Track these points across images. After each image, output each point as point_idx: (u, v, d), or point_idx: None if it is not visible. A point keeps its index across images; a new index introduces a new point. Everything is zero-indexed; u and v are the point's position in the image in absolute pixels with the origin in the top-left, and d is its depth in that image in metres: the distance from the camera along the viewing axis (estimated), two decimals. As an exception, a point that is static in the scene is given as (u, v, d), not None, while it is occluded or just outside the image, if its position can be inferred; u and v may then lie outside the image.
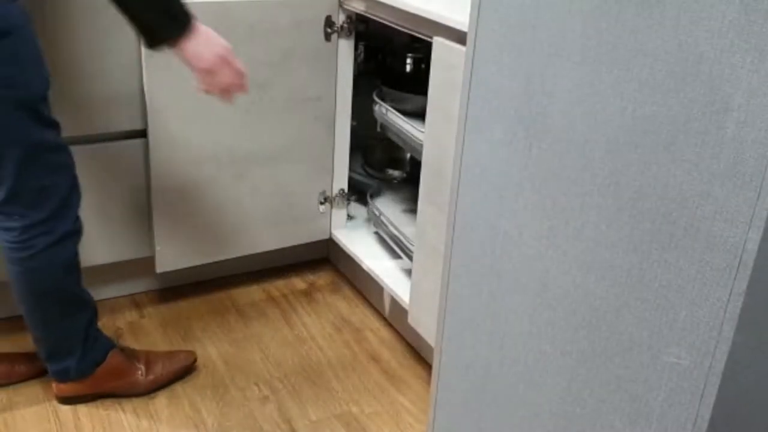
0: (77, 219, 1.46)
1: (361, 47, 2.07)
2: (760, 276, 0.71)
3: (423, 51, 1.96)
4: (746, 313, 0.72)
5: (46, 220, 1.40)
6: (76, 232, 1.46)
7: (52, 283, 1.46)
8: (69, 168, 1.43)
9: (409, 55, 2.01)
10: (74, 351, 1.55)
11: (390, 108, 1.83)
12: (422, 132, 1.62)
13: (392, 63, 2.13)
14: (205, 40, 1.33)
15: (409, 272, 1.72)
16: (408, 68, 2.03)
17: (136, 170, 1.81)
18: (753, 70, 0.67)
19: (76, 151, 1.45)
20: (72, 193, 1.44)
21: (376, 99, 1.89)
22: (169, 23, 1.30)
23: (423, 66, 1.99)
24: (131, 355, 1.66)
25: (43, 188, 1.38)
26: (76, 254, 1.48)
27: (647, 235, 0.80)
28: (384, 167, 2.12)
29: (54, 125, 1.38)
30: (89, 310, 1.56)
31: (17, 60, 1.27)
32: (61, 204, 1.41)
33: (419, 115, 1.78)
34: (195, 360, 1.75)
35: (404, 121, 1.77)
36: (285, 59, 1.84)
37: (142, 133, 1.77)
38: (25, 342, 1.79)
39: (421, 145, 1.64)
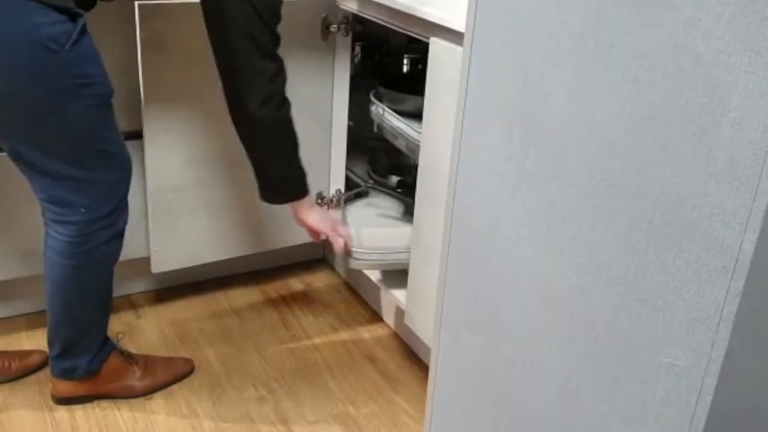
0: (128, 217, 1.52)
1: (358, 48, 2.07)
2: (757, 277, 0.71)
3: (420, 51, 1.96)
4: (743, 313, 0.72)
5: (110, 214, 1.45)
6: (124, 231, 1.52)
7: (101, 277, 1.51)
8: (130, 166, 1.49)
9: (406, 55, 2.01)
10: (91, 349, 1.57)
11: (387, 108, 1.82)
12: (419, 132, 1.62)
13: (389, 63, 2.13)
14: (316, 211, 1.66)
15: (405, 272, 1.72)
16: (405, 69, 2.03)
17: (131, 176, 1.81)
18: (749, 71, 0.67)
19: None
20: (128, 190, 1.50)
21: (373, 99, 1.89)
22: (292, 191, 1.60)
23: (420, 66, 1.99)
24: (129, 358, 1.66)
25: (112, 182, 1.44)
26: (120, 252, 1.53)
27: (644, 236, 0.80)
28: (388, 173, 2.11)
29: (117, 125, 1.45)
30: (110, 311, 1.61)
31: (97, 59, 1.36)
32: (122, 199, 1.48)
33: (416, 115, 1.78)
34: (193, 368, 1.75)
35: (400, 121, 1.77)
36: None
37: (138, 134, 1.77)
38: (18, 342, 1.79)
39: (418, 146, 1.64)
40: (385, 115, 1.84)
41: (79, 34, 1.30)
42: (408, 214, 1.90)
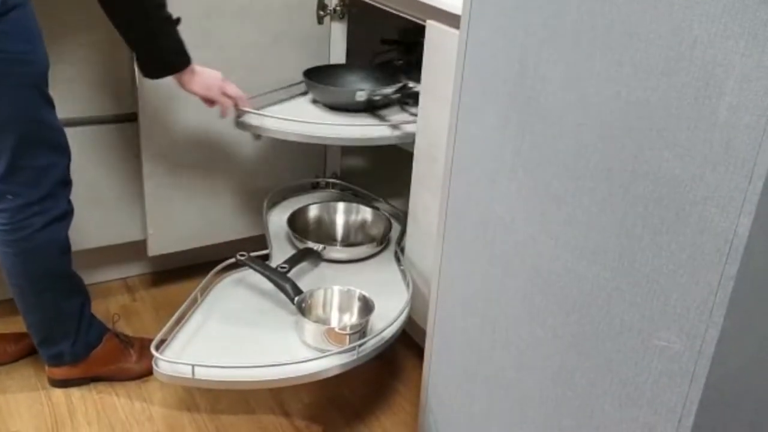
0: (70, 200, 1.46)
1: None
2: (751, 261, 0.71)
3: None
4: (736, 297, 0.73)
5: (41, 200, 1.39)
6: (69, 213, 1.46)
7: (47, 264, 1.46)
8: (66, 148, 1.43)
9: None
10: (68, 335, 1.55)
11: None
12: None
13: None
14: (201, 77, 1.53)
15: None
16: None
17: (127, 154, 1.81)
18: (746, 55, 0.67)
19: (67, 134, 1.45)
20: (67, 174, 1.44)
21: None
22: (171, 61, 1.48)
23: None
24: (125, 341, 1.66)
25: (42, 167, 1.37)
26: (67, 236, 1.47)
27: (639, 220, 0.80)
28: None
29: (53, 105, 1.39)
30: (82, 293, 1.56)
31: (30, 35, 1.28)
32: (57, 184, 1.41)
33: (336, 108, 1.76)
34: None
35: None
36: (277, 42, 1.82)
37: (133, 117, 1.76)
38: (14, 324, 1.79)
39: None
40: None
41: (6, 7, 1.21)
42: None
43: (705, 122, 0.72)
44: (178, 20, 1.44)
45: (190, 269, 2.07)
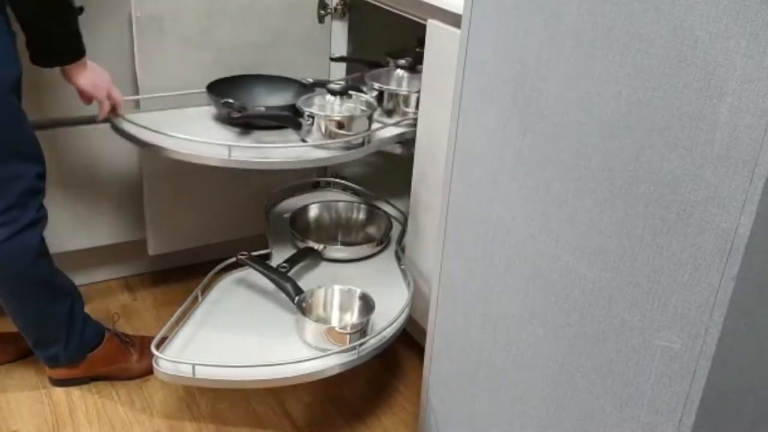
0: (41, 207, 1.43)
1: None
2: (752, 261, 0.72)
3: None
4: (737, 297, 0.73)
5: (8, 210, 1.36)
6: (40, 220, 1.43)
7: (22, 272, 1.43)
8: (37, 157, 1.40)
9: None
10: (59, 338, 1.53)
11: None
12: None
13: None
14: (92, 73, 1.46)
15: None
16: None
17: (128, 153, 1.81)
18: (747, 55, 0.67)
19: (67, 133, 1.44)
20: (38, 182, 1.40)
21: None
22: (63, 51, 1.40)
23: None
24: (126, 340, 1.66)
25: (7, 177, 1.35)
26: (41, 240, 1.44)
27: (640, 220, 0.80)
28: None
29: (24, 113, 1.36)
30: (68, 296, 1.53)
31: None
32: (25, 193, 1.38)
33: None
34: None
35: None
36: (277, 41, 1.82)
37: (134, 116, 1.76)
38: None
39: None
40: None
41: None
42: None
43: (706, 122, 0.72)
44: (80, 9, 1.40)
45: (191, 268, 2.07)
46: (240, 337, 1.44)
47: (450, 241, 1.15)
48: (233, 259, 1.59)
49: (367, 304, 1.49)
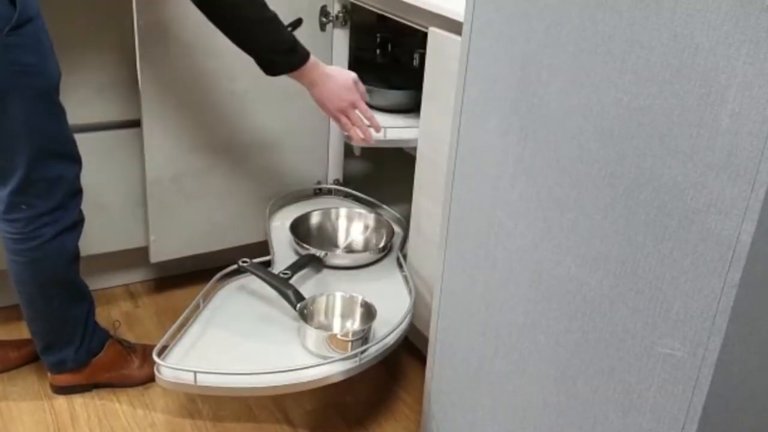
0: (80, 209, 1.48)
1: (378, 38, 2.06)
2: (754, 268, 0.71)
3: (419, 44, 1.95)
4: (739, 304, 0.73)
5: (53, 210, 1.41)
6: (80, 222, 1.48)
7: (57, 272, 1.47)
8: (77, 158, 1.44)
9: (418, 51, 1.99)
10: (73, 342, 1.55)
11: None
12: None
13: (399, 55, 2.12)
14: (326, 77, 1.49)
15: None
16: (415, 62, 2.02)
17: (130, 159, 1.81)
18: (748, 62, 0.67)
19: (70, 140, 1.45)
20: (78, 183, 1.45)
21: None
22: (284, 59, 1.45)
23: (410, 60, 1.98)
24: (128, 347, 1.66)
25: (54, 178, 1.39)
26: (77, 245, 1.49)
27: (642, 227, 0.80)
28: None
29: (65, 115, 1.39)
30: (87, 300, 1.57)
31: (40, 48, 1.29)
32: (68, 194, 1.42)
33: (393, 110, 1.77)
34: None
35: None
36: (280, 49, 1.83)
37: (137, 123, 1.76)
38: (17, 330, 1.79)
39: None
40: None
41: (19, 20, 1.23)
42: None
43: (707, 129, 0.72)
44: (299, 21, 1.49)
45: (192, 276, 2.07)
46: (242, 344, 1.44)
47: (451, 248, 1.15)
48: (235, 266, 1.59)
49: (369, 311, 1.48)
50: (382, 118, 1.70)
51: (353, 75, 1.53)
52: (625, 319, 0.84)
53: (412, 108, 1.81)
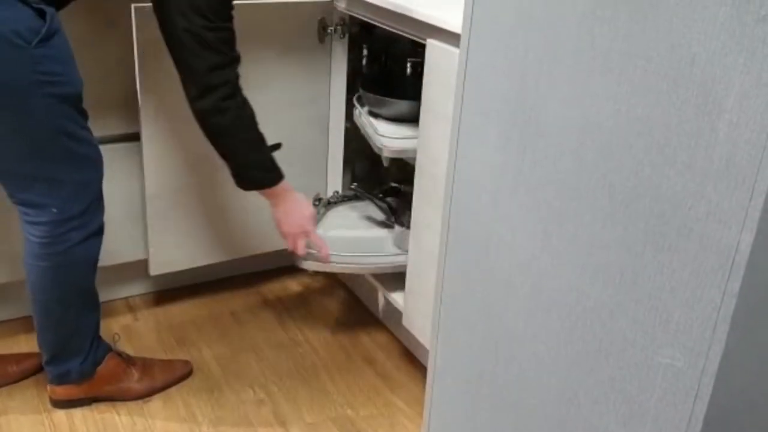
0: (103, 216, 1.50)
1: (365, 50, 2.06)
2: (753, 277, 0.71)
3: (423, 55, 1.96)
4: (739, 314, 0.73)
5: (81, 214, 1.43)
6: (102, 228, 1.50)
7: (78, 278, 1.49)
8: (101, 165, 1.48)
9: (410, 59, 2.00)
10: (81, 351, 1.56)
11: (363, 112, 1.83)
12: (381, 136, 1.70)
13: (392, 67, 2.12)
14: (291, 202, 1.63)
15: (403, 274, 1.72)
16: (408, 72, 2.02)
17: (129, 173, 1.81)
18: (745, 72, 0.67)
19: (69, 154, 1.45)
20: (101, 188, 1.48)
21: (355, 103, 1.89)
22: (261, 176, 1.58)
23: (418, 70, 1.99)
24: (127, 360, 1.66)
25: (83, 182, 1.42)
26: (99, 251, 1.51)
27: (641, 237, 0.80)
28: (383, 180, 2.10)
29: (88, 121, 1.43)
30: (98, 310, 1.59)
31: (68, 57, 1.35)
32: (95, 198, 1.46)
33: (400, 119, 1.78)
34: (191, 371, 1.75)
35: (369, 124, 1.78)
36: (279, 61, 1.83)
37: (135, 137, 1.76)
38: (17, 345, 1.79)
39: (381, 149, 1.69)
40: (361, 118, 1.84)
41: (48, 32, 1.28)
42: (390, 220, 1.90)
43: (705, 139, 0.72)
44: (278, 145, 1.58)
45: (192, 288, 2.06)
46: (355, 238, 1.85)
47: (451, 259, 1.15)
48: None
49: None
50: (385, 128, 1.75)
51: (312, 209, 1.68)
52: (625, 329, 0.84)
53: (408, 118, 1.82)
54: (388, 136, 1.72)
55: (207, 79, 1.43)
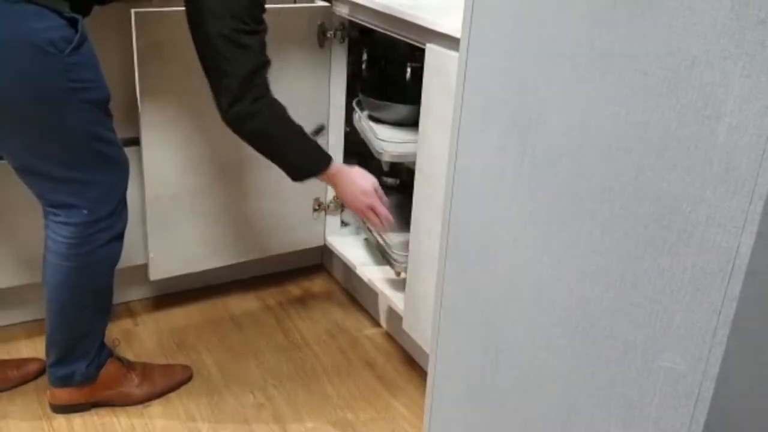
0: (126, 219, 1.54)
1: (365, 54, 2.07)
2: (754, 280, 0.71)
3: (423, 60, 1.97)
4: (740, 317, 0.73)
5: (109, 215, 1.47)
6: (124, 232, 1.53)
7: (100, 279, 1.52)
8: (127, 166, 1.51)
9: (410, 63, 2.00)
10: (88, 354, 1.57)
11: (363, 116, 1.84)
12: (381, 140, 1.71)
13: (392, 71, 2.12)
14: (346, 182, 1.60)
15: (403, 278, 1.72)
16: (407, 77, 2.03)
17: (129, 177, 1.81)
18: (745, 75, 0.67)
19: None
20: (126, 191, 1.51)
21: (355, 107, 1.89)
22: (309, 166, 1.58)
23: (414, 75, 1.99)
24: (127, 365, 1.66)
25: (111, 183, 1.46)
26: (120, 254, 1.55)
27: (641, 241, 0.80)
28: (380, 174, 2.12)
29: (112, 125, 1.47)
30: (109, 313, 1.61)
31: (94, 64, 1.38)
32: (121, 200, 1.49)
33: (399, 123, 1.79)
34: (191, 375, 1.75)
35: (369, 128, 1.79)
36: (279, 65, 1.83)
37: (135, 141, 1.77)
38: (17, 350, 1.79)
39: (380, 153, 1.70)
40: (361, 122, 1.85)
41: (80, 40, 1.32)
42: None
43: (705, 143, 0.72)
44: (316, 130, 1.61)
45: (192, 293, 2.06)
46: None
47: (451, 263, 1.15)
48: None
49: None
50: (385, 132, 1.74)
51: (373, 181, 1.63)
52: (625, 333, 0.84)
53: (408, 122, 1.83)
54: (387, 141, 1.72)
55: (242, 84, 1.44)
